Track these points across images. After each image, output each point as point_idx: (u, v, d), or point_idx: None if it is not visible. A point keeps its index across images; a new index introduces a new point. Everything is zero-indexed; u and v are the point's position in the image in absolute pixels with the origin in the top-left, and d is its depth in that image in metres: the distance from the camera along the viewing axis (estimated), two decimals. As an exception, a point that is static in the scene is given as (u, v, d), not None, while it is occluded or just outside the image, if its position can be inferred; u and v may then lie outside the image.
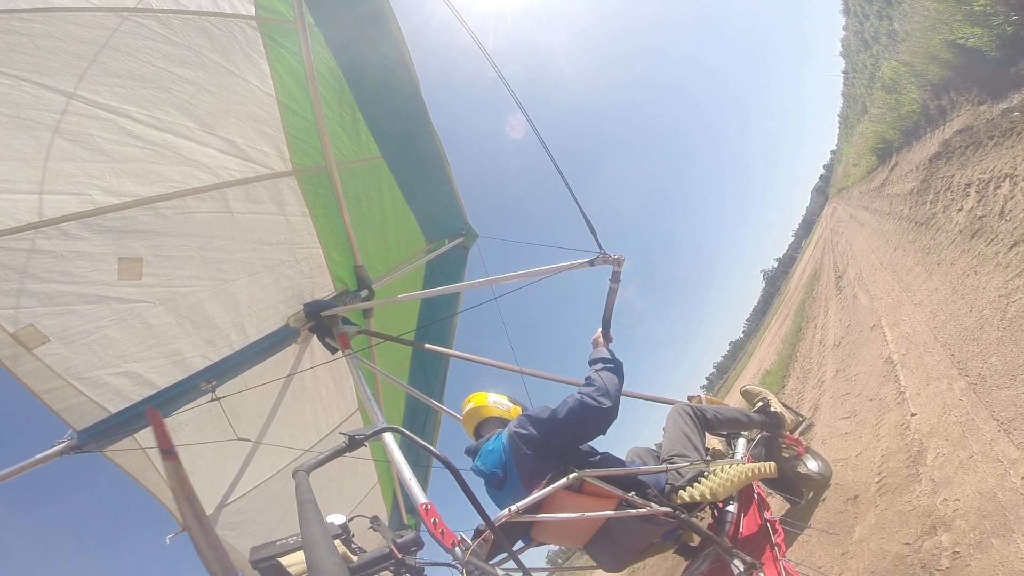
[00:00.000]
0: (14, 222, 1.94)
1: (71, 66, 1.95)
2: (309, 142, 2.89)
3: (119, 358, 2.42)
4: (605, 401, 2.13)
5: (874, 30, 16.52)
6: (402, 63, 2.94)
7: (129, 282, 2.33)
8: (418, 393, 3.67)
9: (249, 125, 2.59)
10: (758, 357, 24.37)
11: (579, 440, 2.19)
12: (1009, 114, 5.10)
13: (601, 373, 2.28)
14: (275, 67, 2.59)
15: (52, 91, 1.92)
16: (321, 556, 0.97)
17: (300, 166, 2.90)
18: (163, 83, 2.21)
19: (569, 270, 2.56)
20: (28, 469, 2.25)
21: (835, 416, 4.48)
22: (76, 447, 2.37)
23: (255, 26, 2.45)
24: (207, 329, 2.73)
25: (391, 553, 1.45)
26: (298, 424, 3.58)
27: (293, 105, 2.73)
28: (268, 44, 2.52)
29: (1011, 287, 3.13)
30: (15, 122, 1.86)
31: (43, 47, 1.86)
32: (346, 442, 1.39)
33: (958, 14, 6.34)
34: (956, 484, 2.29)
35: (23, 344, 2.07)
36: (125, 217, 2.25)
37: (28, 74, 1.85)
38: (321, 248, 3.23)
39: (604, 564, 2.25)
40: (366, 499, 4.45)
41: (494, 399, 2.61)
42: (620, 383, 2.28)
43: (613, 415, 2.16)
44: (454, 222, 4.12)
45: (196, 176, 2.44)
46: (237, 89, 2.48)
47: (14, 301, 2.01)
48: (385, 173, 3.42)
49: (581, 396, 2.14)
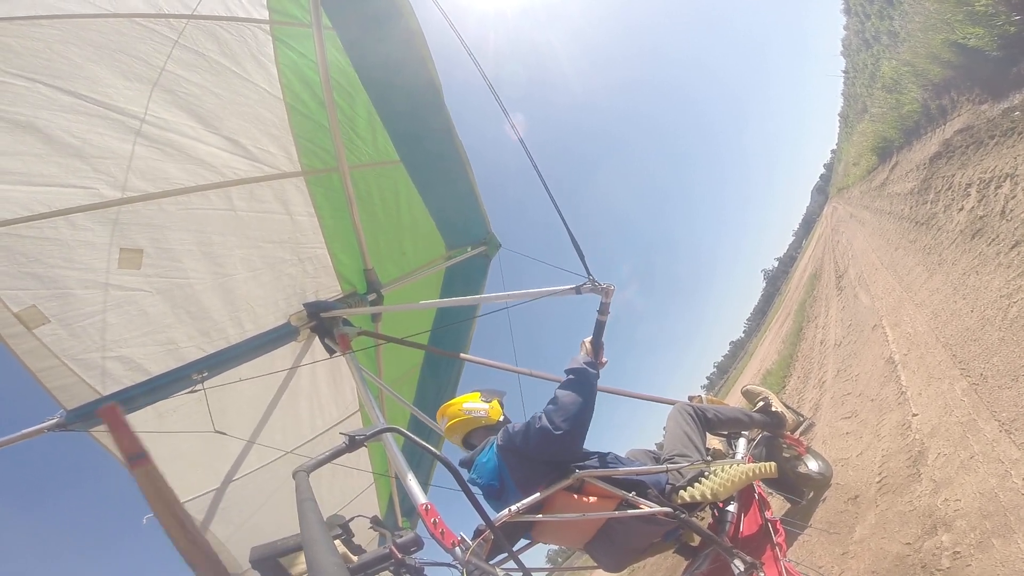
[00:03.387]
0: (25, 212, 2.08)
1: (84, 69, 2.08)
2: (319, 143, 2.89)
3: (114, 343, 2.49)
4: (564, 425, 2.00)
5: (875, 29, 16.51)
6: (422, 65, 2.89)
7: (128, 271, 2.43)
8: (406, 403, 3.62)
9: (255, 126, 2.62)
10: (759, 357, 24.35)
11: (554, 460, 2.08)
12: (1010, 114, 5.09)
13: (566, 390, 2.14)
14: (283, 70, 2.61)
15: (65, 93, 2.05)
16: (321, 556, 0.97)
17: (309, 167, 2.91)
18: (170, 86, 2.31)
19: (553, 295, 2.38)
20: (16, 442, 2.33)
21: (836, 416, 4.48)
22: (63, 425, 2.45)
23: (267, 30, 2.49)
24: (203, 320, 2.77)
25: (391, 553, 1.44)
26: (292, 421, 3.57)
27: (300, 107, 2.74)
28: (278, 47, 2.55)
29: (1012, 287, 3.12)
30: (31, 122, 2.00)
31: (58, 52, 2.00)
32: (346, 442, 1.39)
33: (959, 14, 6.33)
34: (957, 484, 2.29)
35: (24, 323, 2.18)
36: (129, 211, 2.36)
37: (44, 77, 1.99)
38: (327, 249, 3.22)
39: (604, 564, 2.25)
40: (360, 499, 4.44)
41: (468, 407, 2.50)
42: (585, 402, 2.10)
43: (572, 439, 2.03)
44: (476, 229, 4.02)
45: (200, 174, 2.51)
46: (244, 92, 2.53)
47: (20, 283, 2.14)
48: (403, 177, 3.38)
49: (540, 419, 2.05)
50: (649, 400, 3.39)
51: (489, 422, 2.47)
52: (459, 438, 2.53)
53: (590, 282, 2.23)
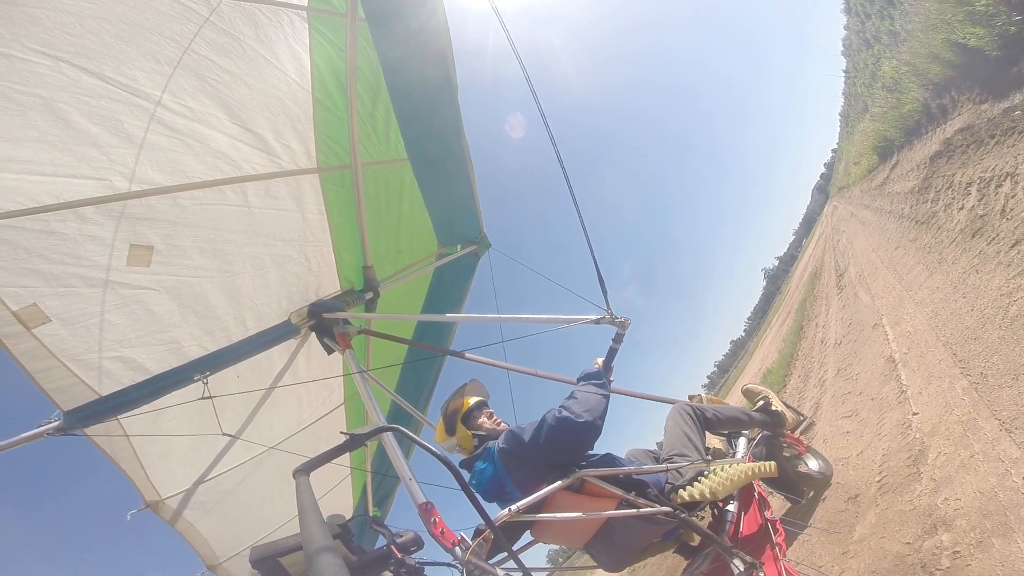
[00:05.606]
0: (31, 203, 1.95)
1: (113, 49, 1.90)
2: (338, 140, 2.86)
3: (116, 342, 2.42)
4: (585, 415, 2.07)
5: (875, 29, 16.48)
6: (442, 63, 2.83)
7: (137, 268, 2.33)
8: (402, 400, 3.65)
9: (281, 120, 2.54)
10: (759, 356, 24.35)
11: (566, 456, 2.12)
12: (1010, 113, 5.09)
13: (586, 388, 2.24)
14: (316, 62, 2.53)
15: (90, 74, 1.89)
16: (321, 556, 0.97)
17: (325, 164, 2.87)
18: (201, 71, 2.17)
19: (572, 324, 2.53)
20: (14, 446, 2.25)
21: (836, 415, 4.48)
22: (63, 428, 2.39)
23: (304, 16, 2.38)
24: (208, 320, 2.72)
25: (391, 553, 1.45)
26: (280, 414, 3.56)
27: (327, 102, 2.69)
28: (314, 37, 2.46)
29: (1012, 286, 3.12)
30: (47, 104, 1.84)
31: (89, 28, 1.83)
32: (347, 441, 1.39)
33: (960, 14, 6.32)
34: (957, 483, 2.29)
35: (23, 323, 2.08)
36: (143, 205, 2.24)
37: (69, 56, 1.82)
38: (332, 247, 3.21)
39: (604, 564, 2.25)
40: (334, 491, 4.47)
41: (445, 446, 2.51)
42: (604, 399, 2.22)
43: (594, 430, 2.10)
44: (469, 229, 4.04)
45: (219, 168, 2.41)
46: (275, 82, 2.43)
47: (21, 280, 2.02)
48: (408, 175, 3.37)
49: (560, 411, 2.09)
50: (649, 399, 3.39)
51: (466, 453, 2.43)
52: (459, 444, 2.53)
53: (609, 315, 2.39)
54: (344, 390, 3.94)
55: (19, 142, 1.84)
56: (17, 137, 1.83)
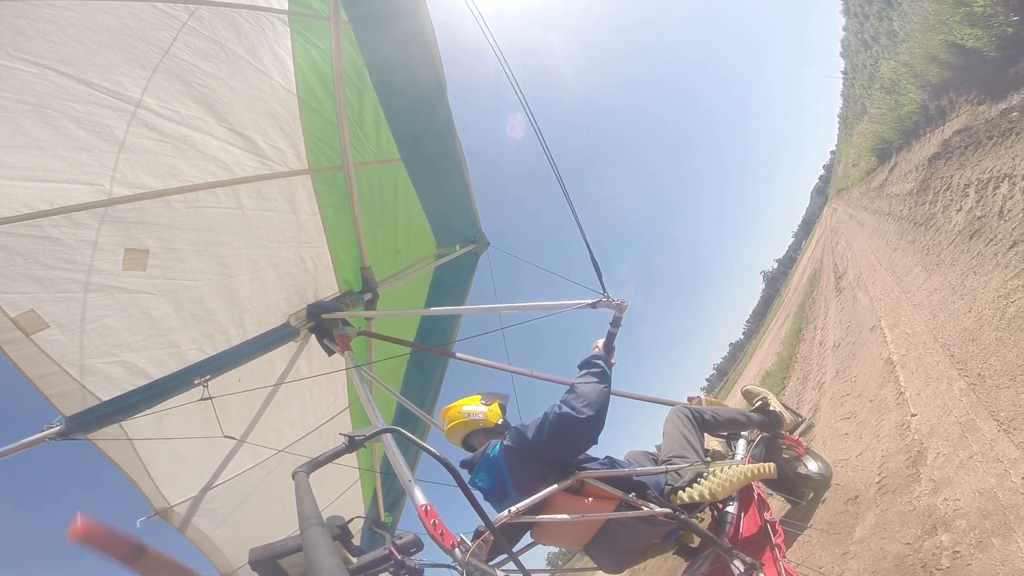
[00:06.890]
0: (26, 209, 1.96)
1: (97, 56, 1.94)
2: (327, 141, 2.87)
3: (115, 347, 2.42)
4: (586, 410, 2.05)
5: (874, 30, 16.54)
6: (430, 64, 2.85)
7: (133, 272, 2.34)
8: (407, 401, 3.63)
9: (268, 122, 2.56)
10: (758, 359, 24.36)
11: (571, 452, 2.12)
12: (1008, 114, 5.11)
13: (585, 379, 2.22)
14: (300, 64, 2.55)
15: (76, 81, 1.91)
16: (321, 557, 0.97)
17: (316, 165, 2.88)
18: (185, 76, 2.20)
19: (569, 309, 2.54)
20: (16, 452, 2.25)
21: (835, 417, 4.48)
22: (65, 433, 2.38)
23: (286, 21, 2.41)
24: (206, 323, 2.73)
25: (391, 554, 1.44)
26: (285, 418, 3.56)
27: (313, 103, 2.71)
28: (296, 40, 2.49)
29: (1010, 287, 3.13)
30: (36, 111, 1.86)
31: (72, 36, 1.85)
32: (346, 443, 1.39)
33: (958, 15, 6.35)
34: (956, 484, 2.29)
35: (22, 329, 2.08)
36: (136, 208, 2.25)
37: (54, 63, 1.84)
38: (328, 248, 3.21)
39: (604, 565, 2.25)
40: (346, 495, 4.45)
41: (468, 410, 2.52)
42: (605, 390, 2.19)
43: (596, 424, 2.08)
44: (467, 228, 4.05)
45: (210, 171, 2.43)
46: (259, 85, 2.46)
47: (18, 286, 2.03)
48: (403, 175, 3.38)
49: (560, 407, 2.08)
50: (648, 401, 3.39)
51: (487, 425, 2.46)
52: (459, 440, 2.53)
53: (605, 298, 2.39)
54: (348, 394, 3.93)
55: (11, 148, 1.85)
56: (8, 144, 1.84)
